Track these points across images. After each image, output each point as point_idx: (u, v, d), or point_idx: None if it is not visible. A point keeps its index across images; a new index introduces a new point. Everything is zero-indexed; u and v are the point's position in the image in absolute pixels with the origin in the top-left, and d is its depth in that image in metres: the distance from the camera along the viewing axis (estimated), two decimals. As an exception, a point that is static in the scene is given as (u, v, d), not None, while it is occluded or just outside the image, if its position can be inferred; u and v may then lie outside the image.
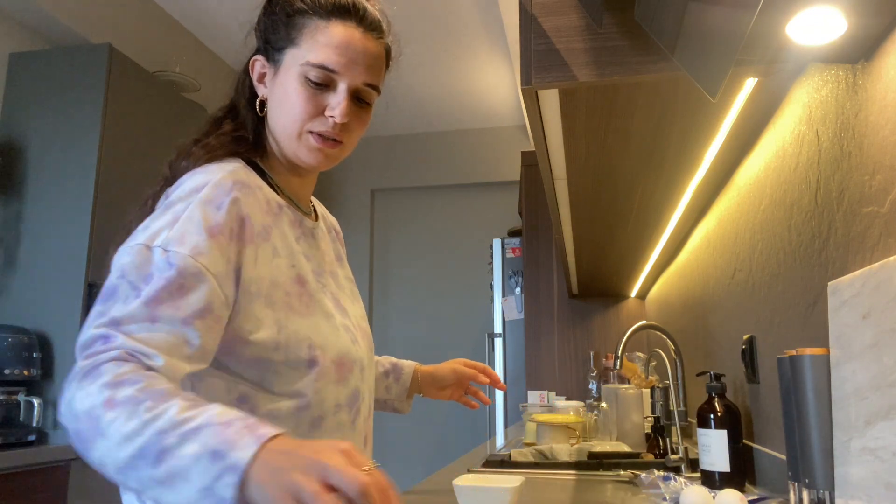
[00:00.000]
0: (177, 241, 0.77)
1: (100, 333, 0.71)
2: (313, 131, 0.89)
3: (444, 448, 4.67)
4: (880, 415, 0.72)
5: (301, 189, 0.99)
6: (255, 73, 0.95)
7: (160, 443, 0.63)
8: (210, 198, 0.81)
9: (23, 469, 2.04)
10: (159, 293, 0.74)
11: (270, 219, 0.88)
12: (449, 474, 1.56)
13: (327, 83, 0.88)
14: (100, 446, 0.65)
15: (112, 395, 0.66)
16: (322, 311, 0.90)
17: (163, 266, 0.75)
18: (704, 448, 1.32)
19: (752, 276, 1.37)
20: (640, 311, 3.41)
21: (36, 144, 2.55)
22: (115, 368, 0.68)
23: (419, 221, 5.01)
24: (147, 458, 0.63)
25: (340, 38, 0.88)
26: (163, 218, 0.80)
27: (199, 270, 0.76)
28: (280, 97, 0.90)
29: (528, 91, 0.99)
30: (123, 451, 0.64)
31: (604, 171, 1.43)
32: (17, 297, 2.43)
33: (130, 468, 0.64)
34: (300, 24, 0.89)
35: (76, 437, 0.68)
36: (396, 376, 1.22)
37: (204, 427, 0.63)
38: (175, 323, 0.74)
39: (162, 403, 0.65)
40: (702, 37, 0.71)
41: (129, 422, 0.64)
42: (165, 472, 0.62)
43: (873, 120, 0.83)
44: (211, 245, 0.78)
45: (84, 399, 0.67)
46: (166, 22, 3.34)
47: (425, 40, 3.64)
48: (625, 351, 1.71)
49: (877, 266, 0.76)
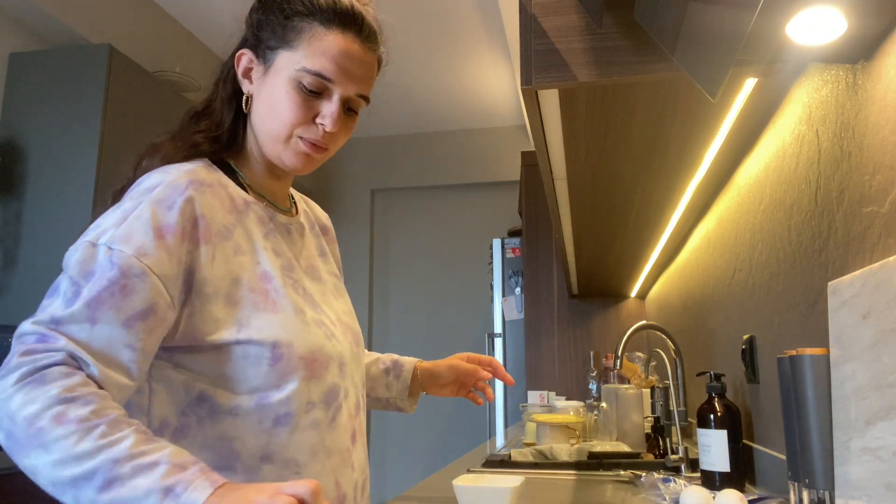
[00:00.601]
0: (122, 240, 0.76)
1: (39, 331, 0.72)
2: (302, 137, 0.88)
3: (444, 448, 4.67)
4: (880, 415, 0.73)
5: (277, 186, 0.97)
6: (240, 66, 0.92)
7: (112, 471, 0.64)
8: (162, 197, 0.80)
9: (23, 469, 2.04)
10: (101, 293, 0.73)
11: (234, 216, 0.87)
12: (449, 474, 1.56)
13: (320, 91, 0.87)
14: (36, 457, 0.66)
15: (63, 411, 0.67)
16: (291, 307, 0.87)
17: (106, 265, 0.74)
18: (704, 448, 1.32)
19: (752, 276, 1.38)
20: (640, 311, 3.41)
21: (36, 144, 2.55)
22: (64, 380, 0.69)
23: (419, 221, 5.01)
24: (93, 483, 0.64)
25: (340, 47, 0.87)
26: (112, 216, 0.79)
27: (142, 271, 0.75)
28: (269, 99, 0.88)
29: (528, 91, 0.99)
30: (67, 470, 0.65)
31: (604, 171, 1.43)
32: (17, 297, 2.43)
33: (70, 486, 0.65)
34: (298, 26, 0.87)
35: (6, 436, 0.68)
36: (397, 373, 1.19)
37: (160, 464, 0.65)
38: (115, 325, 0.73)
39: (117, 432, 0.67)
40: (702, 37, 0.71)
41: (81, 444, 0.65)
42: (110, 500, 0.64)
43: (873, 120, 0.83)
44: (158, 245, 0.77)
45: (27, 405, 0.67)
46: (166, 22, 3.34)
47: (425, 40, 3.64)
48: (625, 351, 1.71)
49: (877, 266, 0.76)
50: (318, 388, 0.89)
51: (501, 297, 3.71)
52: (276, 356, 0.84)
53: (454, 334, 4.70)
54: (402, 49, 3.72)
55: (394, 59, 1.02)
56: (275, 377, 0.84)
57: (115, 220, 0.78)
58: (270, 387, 0.84)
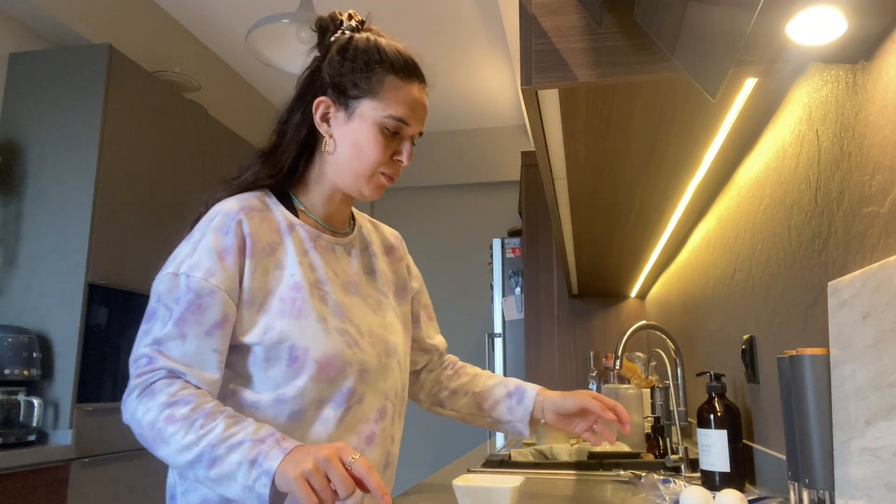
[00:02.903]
0: (194, 268, 0.95)
1: (146, 353, 0.92)
2: (384, 172, 1.04)
3: (444, 448, 4.67)
4: (880, 415, 0.72)
5: (334, 210, 1.10)
6: (318, 112, 1.04)
7: (212, 453, 0.84)
8: (220, 225, 0.98)
9: (23, 469, 2.04)
10: (184, 314, 0.93)
11: (279, 237, 1.02)
12: (449, 474, 1.56)
13: (398, 132, 1.03)
14: (163, 450, 0.87)
15: (171, 413, 0.87)
16: (315, 315, 0.99)
17: (185, 291, 0.94)
18: (704, 448, 1.32)
19: (752, 276, 1.37)
20: (640, 311, 3.41)
21: (36, 144, 2.55)
22: (168, 388, 0.89)
23: (419, 221, 5.01)
24: (202, 463, 0.85)
25: (415, 96, 1.04)
26: (186, 246, 0.98)
27: (212, 290, 0.94)
28: (356, 141, 1.02)
29: (528, 91, 0.99)
30: (183, 457, 0.86)
31: (604, 171, 1.43)
32: (17, 297, 2.43)
33: (189, 468, 0.86)
34: (382, 78, 1.02)
35: (141, 439, 0.90)
36: (519, 398, 1.23)
37: (244, 442, 0.84)
38: (200, 336, 0.93)
39: (211, 422, 0.86)
40: (702, 37, 0.71)
41: (187, 436, 0.86)
42: (217, 475, 0.84)
43: (873, 120, 0.83)
44: (221, 267, 0.95)
45: (146, 413, 0.88)
46: (166, 22, 3.34)
47: (426, 40, 3.64)
48: (625, 351, 1.71)
49: (877, 266, 0.76)
50: (331, 389, 0.99)
51: (501, 297, 3.71)
52: (293, 357, 0.97)
53: (454, 334, 4.70)
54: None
55: None
56: (291, 376, 0.97)
57: (188, 250, 0.97)
58: (286, 384, 0.97)
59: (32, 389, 2.30)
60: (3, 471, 1.97)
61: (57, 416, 2.30)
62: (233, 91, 3.93)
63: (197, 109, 3.12)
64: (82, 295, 2.38)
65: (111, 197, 2.54)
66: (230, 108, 3.88)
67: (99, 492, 2.37)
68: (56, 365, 2.35)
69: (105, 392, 2.49)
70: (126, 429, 2.53)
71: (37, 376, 2.24)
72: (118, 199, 2.58)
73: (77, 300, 2.38)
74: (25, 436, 2.16)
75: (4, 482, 1.97)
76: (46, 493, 2.13)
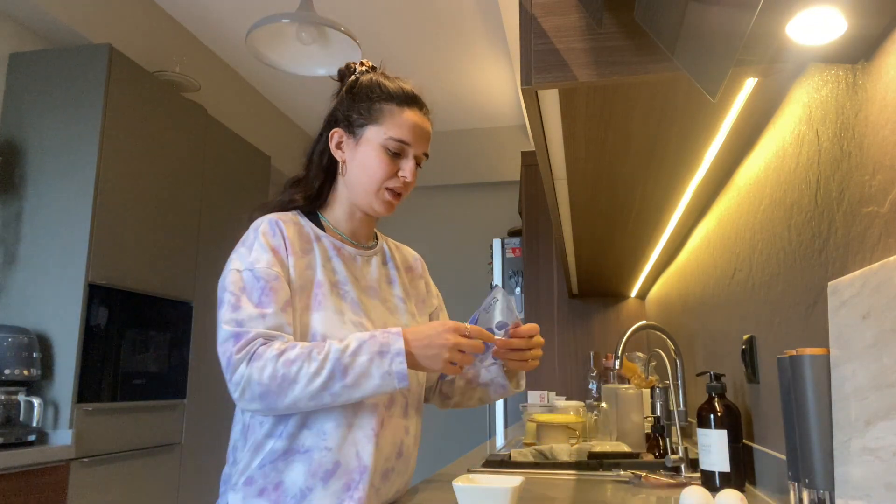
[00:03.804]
0: (256, 261, 1.10)
1: (232, 331, 1.05)
2: (389, 188, 1.18)
3: (444, 448, 4.67)
4: (880, 415, 0.72)
5: (357, 226, 1.25)
6: (333, 141, 1.21)
7: (340, 363, 1.02)
8: (267, 230, 1.15)
9: (23, 469, 2.04)
10: (261, 297, 1.07)
11: (308, 245, 1.18)
12: (449, 474, 1.56)
13: (400, 153, 1.17)
14: (293, 390, 1.02)
15: (285, 359, 1.02)
16: (332, 308, 1.13)
17: (253, 281, 1.09)
18: (704, 448, 1.32)
19: (752, 276, 1.38)
20: (640, 311, 3.41)
21: (36, 144, 2.55)
22: (270, 346, 1.04)
23: (419, 221, 5.01)
24: (336, 378, 1.02)
25: (413, 120, 1.18)
26: (241, 250, 1.14)
27: (277, 275, 1.10)
28: (363, 162, 1.18)
29: (528, 91, 0.99)
30: (317, 381, 1.02)
31: (604, 171, 1.43)
32: (17, 297, 2.43)
33: (325, 389, 1.02)
34: (381, 108, 1.18)
35: (265, 397, 1.02)
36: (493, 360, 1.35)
37: (361, 345, 1.04)
38: (277, 313, 1.07)
39: (322, 348, 1.04)
40: (702, 37, 0.71)
41: (311, 364, 1.02)
42: (353, 378, 1.02)
43: (873, 120, 0.83)
44: (275, 260, 1.12)
45: (262, 371, 1.02)
46: (166, 22, 3.34)
47: (426, 40, 3.64)
48: (625, 351, 1.71)
49: (877, 266, 0.76)
50: None
51: (501, 297, 3.70)
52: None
53: (454, 334, 4.69)
54: (402, 50, 3.72)
55: (394, 60, 1.12)
56: None
57: (244, 252, 1.13)
58: None
59: (32, 389, 2.30)
60: (3, 471, 1.97)
61: (57, 416, 2.30)
62: (233, 91, 3.93)
63: (197, 109, 3.12)
64: (82, 295, 2.38)
65: (111, 197, 2.54)
66: (230, 108, 3.88)
67: (99, 492, 2.37)
68: (56, 365, 2.35)
69: (105, 392, 2.49)
70: (126, 429, 2.54)
71: (37, 376, 2.24)
72: (118, 198, 2.58)
73: (77, 300, 2.38)
74: (25, 436, 2.16)
75: (4, 482, 1.97)
76: (46, 493, 2.13)
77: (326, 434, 1.08)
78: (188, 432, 2.93)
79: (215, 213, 3.24)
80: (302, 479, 1.07)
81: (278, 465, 1.08)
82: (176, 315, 2.92)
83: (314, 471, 1.07)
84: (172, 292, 2.89)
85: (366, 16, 3.38)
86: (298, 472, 1.07)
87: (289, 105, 4.46)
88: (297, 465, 1.07)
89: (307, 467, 1.07)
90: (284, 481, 1.07)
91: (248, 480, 1.09)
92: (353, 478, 1.08)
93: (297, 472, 1.07)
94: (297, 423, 1.09)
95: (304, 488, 1.06)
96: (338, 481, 1.07)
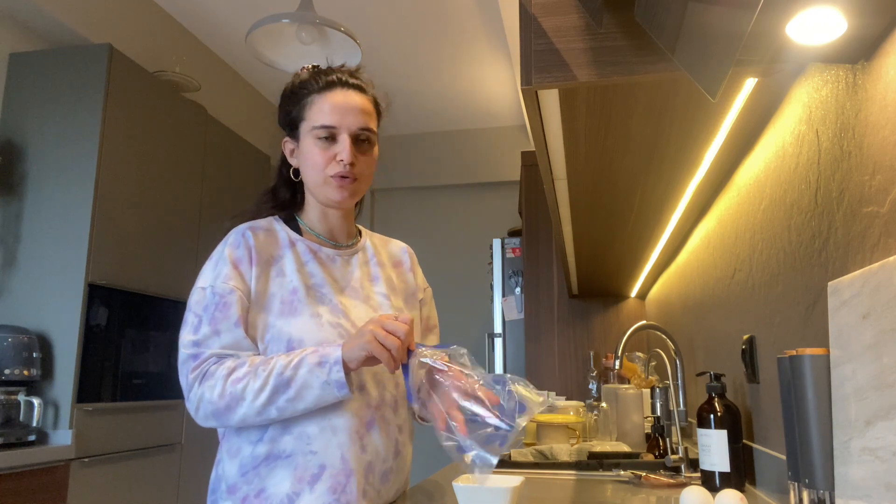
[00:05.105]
0: (217, 277, 1.13)
1: (189, 353, 1.08)
2: (332, 174, 1.16)
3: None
4: (880, 415, 0.72)
5: (333, 225, 1.25)
6: (286, 150, 1.24)
7: (283, 378, 1.03)
8: (231, 241, 1.17)
9: (23, 469, 2.04)
10: (214, 314, 1.10)
11: (280, 251, 1.18)
12: (449, 474, 1.56)
13: (332, 137, 1.16)
14: (241, 408, 1.04)
15: (234, 377, 1.05)
16: (308, 312, 1.13)
17: (211, 297, 1.11)
18: (704, 448, 1.32)
19: (752, 276, 1.37)
20: (640, 311, 3.41)
21: (36, 144, 2.55)
22: (221, 365, 1.06)
23: (419, 221, 5.01)
24: (280, 392, 1.03)
25: (332, 102, 1.16)
26: (209, 264, 1.16)
27: (231, 289, 1.11)
28: (304, 159, 1.19)
29: (528, 91, 0.99)
30: (261, 399, 1.03)
31: (604, 171, 1.43)
32: (17, 297, 2.43)
33: (270, 404, 1.03)
34: (305, 102, 1.18)
35: (216, 416, 1.05)
36: None
37: (303, 358, 1.04)
38: (231, 328, 1.09)
39: (269, 363, 1.05)
40: (702, 37, 0.71)
41: (256, 381, 1.04)
42: (295, 391, 1.03)
43: (873, 120, 0.83)
44: (235, 273, 1.13)
45: (213, 389, 1.05)
46: (166, 22, 3.34)
47: (426, 41, 3.64)
48: (625, 351, 1.71)
49: (877, 266, 0.76)
50: None
51: (501, 297, 3.71)
52: (290, 349, 1.10)
53: (454, 334, 4.70)
54: (403, 50, 3.72)
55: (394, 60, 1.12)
56: None
57: (210, 267, 1.15)
58: None
59: (32, 389, 2.30)
60: (3, 471, 1.97)
61: (57, 416, 2.30)
62: (233, 91, 3.93)
63: (197, 109, 3.12)
64: (82, 295, 2.38)
65: (111, 197, 2.54)
66: (230, 108, 3.88)
67: (99, 492, 2.37)
68: (56, 365, 2.35)
69: (105, 392, 2.49)
70: (126, 429, 2.53)
71: (37, 376, 2.24)
72: (118, 198, 2.58)
73: (77, 300, 2.38)
74: (25, 436, 2.16)
75: (4, 482, 1.97)
76: (46, 493, 2.13)
77: (310, 438, 1.07)
78: (188, 432, 2.93)
79: (215, 213, 3.24)
80: (288, 484, 1.06)
81: (261, 472, 1.07)
82: (176, 315, 2.92)
83: (300, 476, 1.06)
84: (172, 292, 2.89)
85: (366, 16, 3.38)
86: (283, 478, 1.06)
87: (289, 105, 4.45)
88: (281, 471, 1.06)
89: (292, 472, 1.06)
90: (267, 488, 1.06)
91: (231, 488, 1.09)
92: (339, 480, 1.07)
93: (281, 478, 1.06)
94: (279, 427, 1.08)
95: (291, 493, 1.05)
96: (324, 485, 1.06)
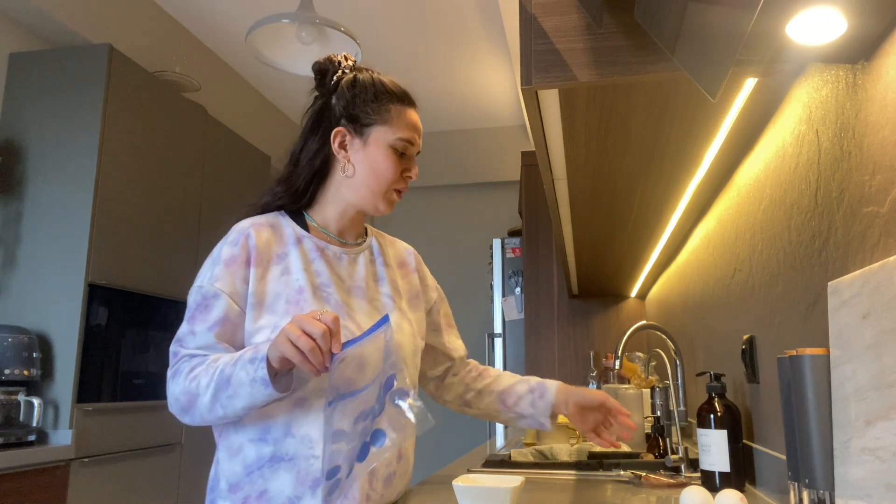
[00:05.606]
0: (206, 278, 1.12)
1: (172, 350, 1.11)
2: (397, 188, 1.18)
3: (444, 448, 4.67)
4: (880, 415, 0.72)
5: (346, 225, 1.23)
6: (335, 141, 1.18)
7: (224, 374, 1.02)
8: (231, 239, 1.14)
9: (23, 469, 2.04)
10: (194, 314, 1.10)
11: (285, 248, 1.16)
12: (449, 474, 1.56)
13: (405, 152, 1.18)
14: (199, 403, 1.05)
15: (194, 374, 1.06)
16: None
17: (200, 298, 1.11)
18: (704, 448, 1.32)
19: (752, 276, 1.37)
20: (640, 311, 3.41)
21: (36, 144, 2.55)
22: (188, 363, 1.08)
23: (419, 221, 5.01)
24: (221, 389, 1.02)
25: (413, 120, 1.20)
26: (207, 262, 1.15)
27: (216, 291, 1.10)
28: (372, 163, 1.17)
29: (528, 91, 0.99)
30: (209, 395, 1.03)
31: (604, 171, 1.43)
32: (17, 297, 2.43)
33: (216, 399, 1.03)
34: (386, 108, 1.17)
35: (183, 413, 1.07)
36: (541, 393, 1.36)
37: (240, 357, 1.02)
38: (205, 332, 1.09)
39: (217, 363, 1.05)
40: (702, 37, 0.71)
41: (205, 378, 1.04)
42: (233, 390, 1.01)
43: (873, 120, 0.83)
44: (226, 273, 1.11)
45: (177, 386, 1.07)
46: (166, 22, 3.34)
47: (426, 40, 3.64)
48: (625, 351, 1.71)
49: (877, 266, 0.76)
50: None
51: (501, 297, 3.71)
52: None
53: (454, 334, 4.70)
54: (403, 50, 3.71)
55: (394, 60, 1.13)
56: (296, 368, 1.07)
57: (208, 265, 1.14)
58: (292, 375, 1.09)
59: (32, 389, 2.30)
60: (3, 471, 1.97)
61: (57, 416, 2.30)
62: (233, 91, 3.93)
63: (197, 109, 3.12)
64: (82, 295, 2.38)
65: (111, 197, 2.54)
66: (230, 108, 3.88)
67: (99, 492, 2.37)
68: (56, 365, 2.35)
69: (105, 392, 2.49)
70: (126, 429, 2.53)
71: (37, 376, 2.24)
72: (118, 198, 2.58)
73: (77, 300, 2.38)
74: (25, 436, 2.16)
75: (4, 482, 1.97)
76: (46, 493, 2.13)
77: (313, 442, 1.07)
78: (188, 432, 2.93)
79: (215, 213, 3.24)
80: (290, 487, 1.05)
81: (264, 473, 1.06)
82: (176, 315, 2.92)
83: (302, 479, 1.05)
84: (172, 292, 2.89)
85: (366, 16, 3.38)
86: (285, 481, 1.05)
87: (289, 105, 4.46)
88: (283, 474, 1.05)
89: (294, 476, 1.05)
90: (269, 489, 1.05)
91: (233, 487, 1.08)
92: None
93: (283, 481, 1.05)
94: (282, 429, 1.08)
95: (293, 496, 1.05)
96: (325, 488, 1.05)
